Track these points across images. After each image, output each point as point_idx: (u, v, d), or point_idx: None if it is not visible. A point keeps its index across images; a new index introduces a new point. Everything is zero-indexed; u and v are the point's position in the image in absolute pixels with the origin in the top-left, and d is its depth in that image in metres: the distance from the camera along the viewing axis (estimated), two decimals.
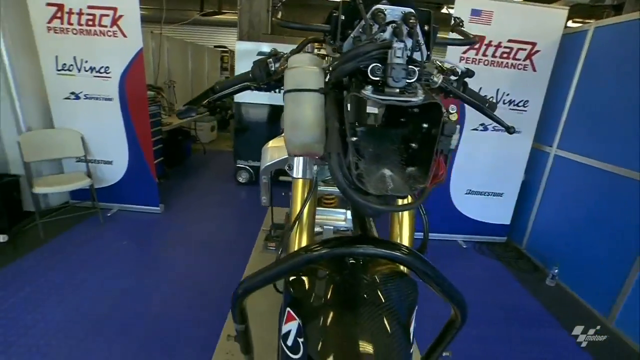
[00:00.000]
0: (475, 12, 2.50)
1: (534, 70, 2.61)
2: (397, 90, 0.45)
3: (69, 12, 2.59)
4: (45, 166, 2.86)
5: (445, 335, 0.62)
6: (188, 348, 1.68)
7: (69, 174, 2.92)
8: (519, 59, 2.59)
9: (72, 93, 2.77)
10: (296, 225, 0.66)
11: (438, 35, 0.58)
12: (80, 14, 2.59)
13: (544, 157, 2.77)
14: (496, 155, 2.79)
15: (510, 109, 2.68)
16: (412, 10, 0.50)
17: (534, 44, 2.56)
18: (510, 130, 0.75)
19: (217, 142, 6.24)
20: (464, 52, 2.55)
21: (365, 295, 0.53)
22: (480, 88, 2.62)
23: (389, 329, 0.50)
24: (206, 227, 2.98)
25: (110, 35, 2.63)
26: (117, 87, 2.74)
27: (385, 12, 0.49)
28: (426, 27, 0.54)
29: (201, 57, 6.63)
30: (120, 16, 2.59)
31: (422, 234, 0.72)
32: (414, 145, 0.49)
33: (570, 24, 5.54)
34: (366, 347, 0.47)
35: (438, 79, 0.63)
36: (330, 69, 0.51)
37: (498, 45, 2.55)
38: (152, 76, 4.46)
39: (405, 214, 0.66)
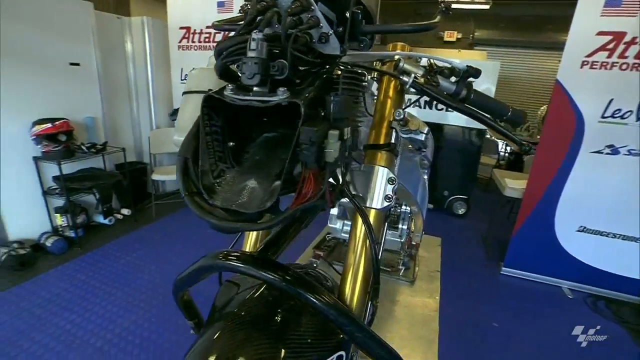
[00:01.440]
0: (612, 2, 1.96)
1: None
2: (267, 89, 0.39)
3: (193, 32, 3.14)
4: (166, 158, 3.52)
5: None
6: None
7: None
8: None
9: None
10: None
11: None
12: (200, 33, 3.11)
13: None
14: (632, 187, 2.12)
15: None
16: None
17: None
18: (524, 148, 0.57)
19: None
20: (589, 55, 2.02)
21: (277, 317, 0.47)
22: (612, 100, 2.04)
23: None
24: None
25: None
26: None
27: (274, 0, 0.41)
28: (347, 14, 0.44)
29: None
30: None
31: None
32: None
33: None
34: None
35: (409, 79, 0.53)
36: None
37: None
38: None
39: (365, 245, 0.55)
